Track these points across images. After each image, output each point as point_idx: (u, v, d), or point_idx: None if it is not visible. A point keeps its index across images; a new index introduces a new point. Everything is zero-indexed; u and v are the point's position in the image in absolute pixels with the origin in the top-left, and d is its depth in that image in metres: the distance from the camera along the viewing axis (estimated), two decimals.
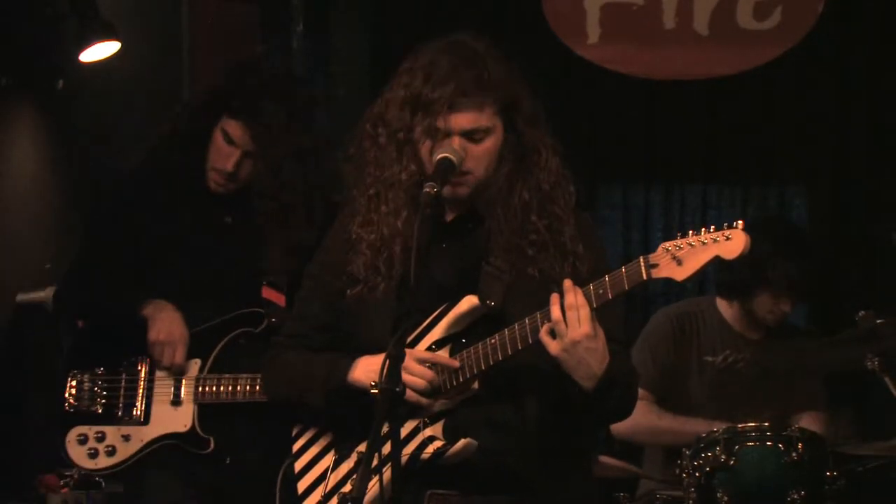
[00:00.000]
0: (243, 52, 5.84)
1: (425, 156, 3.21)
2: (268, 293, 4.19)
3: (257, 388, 4.10)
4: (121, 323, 4.22)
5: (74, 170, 5.99)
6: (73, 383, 4.23)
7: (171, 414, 4.18)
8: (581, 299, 3.04)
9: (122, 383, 4.22)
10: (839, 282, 6.08)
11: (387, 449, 3.01)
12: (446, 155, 3.16)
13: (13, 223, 5.85)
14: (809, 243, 5.12)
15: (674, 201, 6.40)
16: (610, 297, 3.05)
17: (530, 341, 3.10)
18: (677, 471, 4.53)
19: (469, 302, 3.20)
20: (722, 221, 3.04)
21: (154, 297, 4.20)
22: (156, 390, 4.20)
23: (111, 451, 4.18)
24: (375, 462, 2.98)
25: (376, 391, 2.92)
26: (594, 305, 3.05)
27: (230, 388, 4.14)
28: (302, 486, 3.36)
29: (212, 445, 4.14)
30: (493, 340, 3.14)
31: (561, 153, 3.32)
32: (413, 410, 3.17)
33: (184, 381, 4.19)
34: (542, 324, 3.08)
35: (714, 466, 4.39)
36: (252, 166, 4.17)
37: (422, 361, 3.16)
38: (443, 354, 3.20)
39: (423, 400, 3.15)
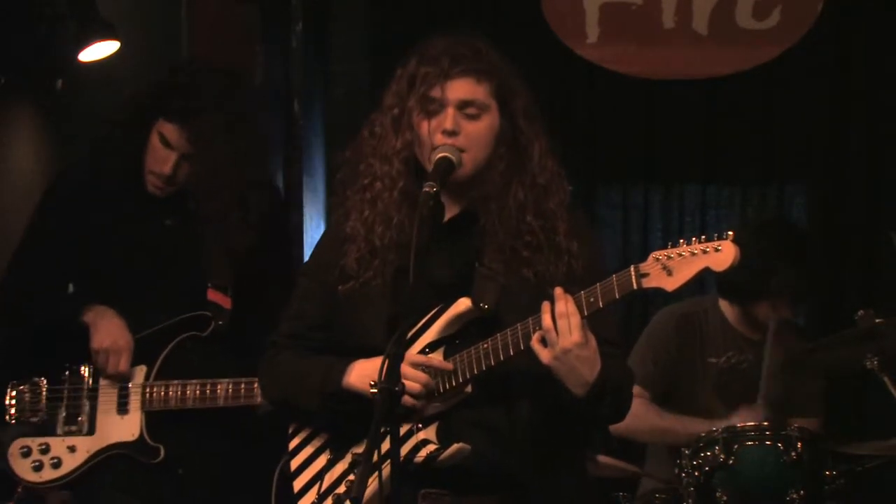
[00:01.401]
0: (243, 52, 5.84)
1: (419, 125, 3.21)
2: (213, 295, 4.12)
3: (207, 392, 4.04)
4: (60, 329, 4.11)
5: None
6: (13, 394, 4.13)
7: (117, 423, 4.09)
8: (572, 307, 3.04)
9: (65, 392, 4.13)
10: (839, 282, 6.08)
11: (383, 448, 3.00)
12: (445, 154, 3.17)
13: (12, 223, 5.83)
14: (809, 246, 5.12)
15: (673, 201, 6.39)
16: (601, 305, 3.06)
17: (522, 347, 3.11)
18: (676, 470, 4.53)
19: (463, 304, 3.20)
20: (721, 221, 3.07)
21: (95, 301, 4.12)
22: (100, 399, 4.11)
23: (57, 464, 4.08)
24: (375, 461, 2.99)
25: (375, 391, 2.92)
26: (585, 314, 3.06)
27: (179, 393, 4.06)
28: (297, 484, 3.36)
29: (162, 454, 4.06)
30: (485, 345, 3.14)
31: (555, 152, 3.32)
32: (407, 412, 3.17)
33: (130, 389, 4.10)
34: (534, 330, 3.09)
35: (713, 466, 4.39)
36: (189, 169, 4.10)
37: (416, 365, 3.16)
38: (437, 358, 3.20)
39: (417, 403, 3.16)
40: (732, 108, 6.29)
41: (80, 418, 4.11)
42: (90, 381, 4.13)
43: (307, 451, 3.37)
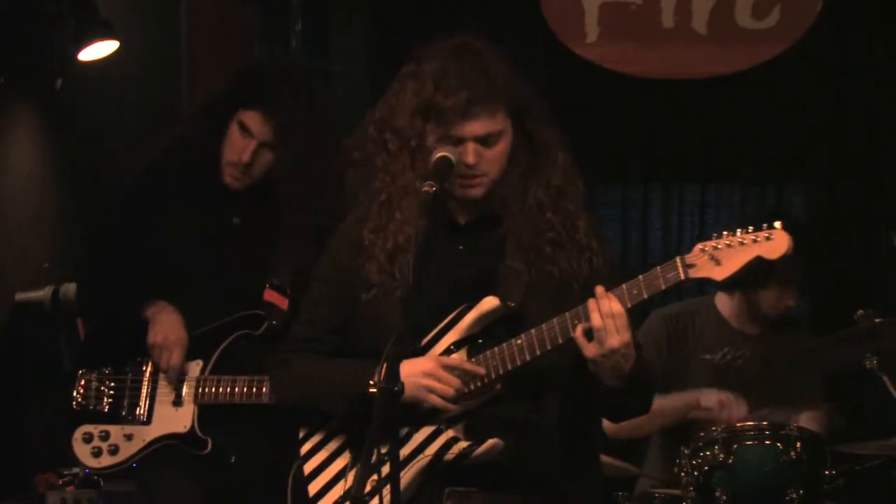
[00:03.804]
0: (242, 52, 5.85)
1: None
2: (269, 296, 4.17)
3: (254, 389, 4.10)
4: (126, 323, 4.22)
5: (72, 169, 5.99)
6: (82, 382, 4.23)
7: (172, 414, 4.19)
8: (616, 307, 3.08)
9: (128, 383, 4.23)
10: (838, 281, 6.09)
11: (408, 449, 3.13)
12: (445, 154, 3.18)
13: (12, 222, 5.86)
14: (812, 237, 5.14)
15: (672, 200, 6.40)
16: (645, 297, 3.10)
17: (560, 342, 3.14)
18: (676, 469, 4.54)
19: (490, 303, 3.21)
20: (720, 220, 3.08)
21: (158, 297, 4.19)
22: (159, 391, 4.21)
23: (114, 450, 4.19)
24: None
25: (374, 390, 2.93)
26: (628, 305, 3.10)
27: (228, 389, 4.14)
28: (313, 488, 3.36)
29: (209, 447, 4.14)
30: (518, 341, 3.16)
31: (569, 150, 3.35)
32: (434, 411, 3.20)
33: (185, 382, 4.19)
34: (573, 325, 3.12)
35: (712, 465, 4.39)
36: (268, 158, 4.14)
37: (449, 368, 3.18)
38: (469, 362, 3.21)
39: (451, 407, 3.18)
40: (732, 107, 6.30)
41: (139, 408, 4.21)
42: (151, 373, 4.23)
43: (322, 454, 3.37)
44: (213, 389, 4.16)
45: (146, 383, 4.22)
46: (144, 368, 4.23)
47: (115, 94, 5.91)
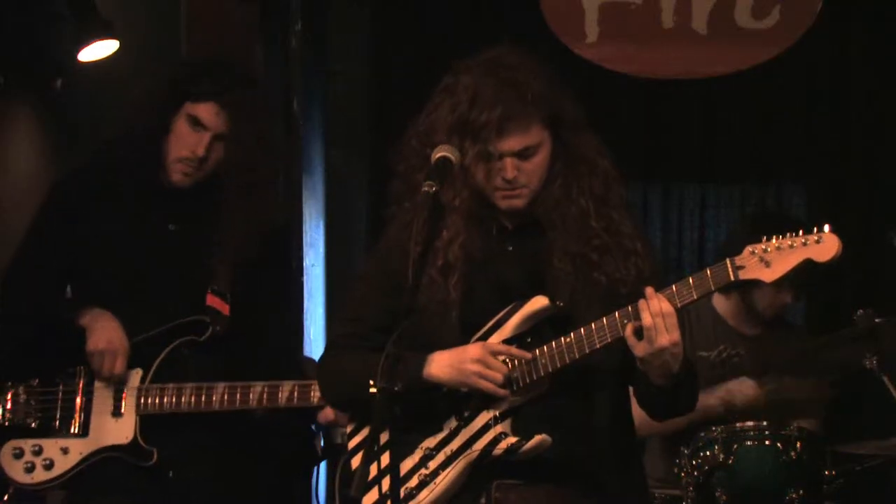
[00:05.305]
0: (242, 52, 5.84)
1: (480, 179, 3.28)
2: (212, 301, 4.09)
3: (203, 397, 4.01)
4: (58, 332, 4.09)
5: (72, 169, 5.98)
6: (9, 396, 4.10)
7: (111, 426, 4.06)
8: (666, 306, 3.14)
9: (60, 395, 4.10)
10: (838, 281, 6.08)
11: (457, 444, 3.22)
12: (444, 154, 3.20)
13: (11, 222, 5.84)
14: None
15: (672, 200, 6.41)
16: (695, 297, 3.16)
17: (609, 340, 3.19)
18: (675, 469, 4.54)
19: (539, 302, 3.26)
20: (720, 221, 3.10)
21: (93, 304, 4.08)
22: (95, 401, 4.08)
23: (49, 465, 4.05)
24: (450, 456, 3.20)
25: (374, 390, 2.93)
26: (678, 306, 3.16)
27: (174, 398, 4.02)
28: None
29: (155, 458, 4.02)
30: (567, 339, 3.22)
31: (608, 155, 3.39)
32: (482, 405, 3.26)
33: (125, 392, 4.07)
34: (622, 324, 3.17)
35: (712, 465, 4.40)
36: (222, 150, 4.07)
37: (497, 354, 3.23)
38: (516, 347, 3.26)
39: (501, 391, 3.23)
40: (731, 107, 6.30)
41: (73, 420, 4.09)
42: (85, 384, 4.10)
43: None
44: (158, 399, 4.03)
45: (80, 394, 4.09)
46: (77, 379, 4.10)
47: (115, 94, 5.90)
